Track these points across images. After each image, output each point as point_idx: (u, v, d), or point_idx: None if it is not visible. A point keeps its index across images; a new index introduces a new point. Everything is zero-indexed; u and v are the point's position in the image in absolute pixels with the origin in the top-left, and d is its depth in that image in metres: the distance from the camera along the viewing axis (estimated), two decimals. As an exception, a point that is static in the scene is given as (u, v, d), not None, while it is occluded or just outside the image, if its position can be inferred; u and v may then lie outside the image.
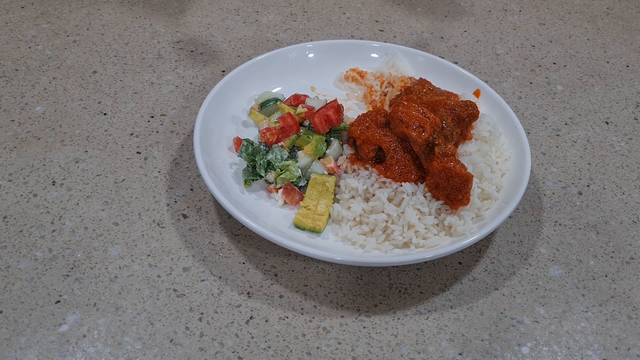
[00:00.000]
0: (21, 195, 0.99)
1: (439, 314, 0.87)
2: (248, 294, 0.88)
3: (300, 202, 0.96)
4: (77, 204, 0.98)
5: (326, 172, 0.98)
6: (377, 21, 1.43)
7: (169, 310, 0.85)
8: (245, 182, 0.97)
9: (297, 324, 0.85)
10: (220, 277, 0.90)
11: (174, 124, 1.13)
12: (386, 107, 1.10)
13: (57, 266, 0.89)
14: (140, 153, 1.07)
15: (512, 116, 1.06)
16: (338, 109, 1.02)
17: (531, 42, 1.40)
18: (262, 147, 1.00)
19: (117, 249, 0.92)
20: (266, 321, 0.85)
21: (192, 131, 1.08)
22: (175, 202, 1.00)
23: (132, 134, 1.11)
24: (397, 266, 0.92)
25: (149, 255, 0.92)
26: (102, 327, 0.83)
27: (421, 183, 0.93)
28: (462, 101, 0.99)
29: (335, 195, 0.96)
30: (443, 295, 0.89)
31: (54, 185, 1.01)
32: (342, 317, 0.86)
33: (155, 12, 1.41)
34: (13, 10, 1.38)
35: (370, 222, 0.91)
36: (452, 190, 0.89)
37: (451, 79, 1.15)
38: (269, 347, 0.82)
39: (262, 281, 0.90)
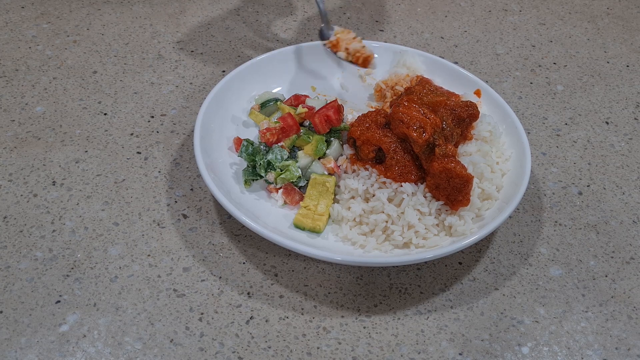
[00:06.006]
0: (21, 195, 0.99)
1: (439, 314, 0.87)
2: (248, 294, 0.88)
3: (300, 202, 0.96)
4: (77, 204, 0.98)
5: (326, 172, 0.98)
6: (377, 21, 1.43)
7: (169, 310, 0.85)
8: (246, 182, 0.97)
9: (297, 324, 0.85)
10: (220, 277, 0.90)
11: (174, 124, 1.13)
12: (386, 107, 1.10)
13: (57, 266, 0.89)
14: (140, 153, 1.07)
15: (513, 116, 1.06)
16: (338, 109, 1.03)
17: (531, 42, 1.40)
18: (262, 147, 1.00)
19: (117, 249, 0.92)
20: (266, 321, 0.85)
21: (192, 131, 1.08)
22: (176, 202, 1.00)
23: (132, 134, 1.11)
24: (397, 266, 0.92)
25: (149, 255, 0.92)
26: (102, 327, 0.83)
27: (421, 183, 0.93)
28: (462, 101, 0.99)
29: (335, 195, 0.96)
30: (443, 295, 0.89)
31: (54, 185, 1.01)
32: (342, 317, 0.86)
33: (155, 12, 1.41)
34: (13, 10, 1.38)
35: (370, 223, 0.91)
36: (453, 190, 0.89)
37: (451, 79, 1.15)
38: (269, 347, 0.82)
39: (262, 281, 0.90)
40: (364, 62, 1.14)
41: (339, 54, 1.14)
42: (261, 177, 0.97)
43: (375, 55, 1.15)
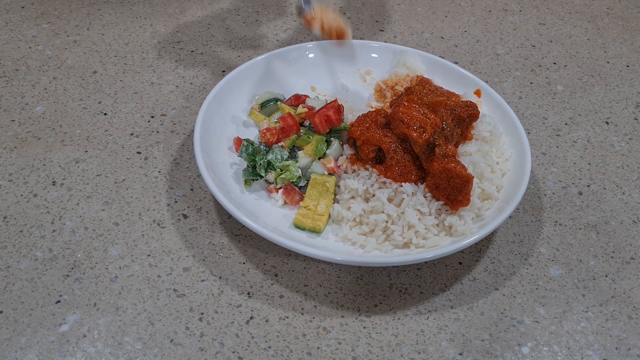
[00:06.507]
0: (21, 195, 0.99)
1: (439, 314, 0.87)
2: (248, 294, 0.88)
3: (300, 202, 0.96)
4: (78, 204, 0.98)
5: (326, 172, 0.98)
6: (377, 21, 1.43)
7: (169, 310, 0.85)
8: (246, 182, 0.97)
9: (297, 324, 0.85)
10: (220, 277, 0.90)
11: (174, 124, 1.13)
12: (386, 107, 1.10)
13: (57, 266, 0.89)
14: (140, 153, 1.07)
15: (513, 116, 1.06)
16: (338, 109, 1.03)
17: (531, 42, 1.40)
18: (262, 147, 1.00)
19: (117, 249, 0.92)
20: (266, 321, 0.85)
21: (192, 131, 1.08)
22: (176, 202, 1.00)
23: (132, 134, 1.11)
24: (397, 266, 0.92)
25: (149, 255, 0.92)
26: (103, 327, 0.83)
27: (421, 183, 0.93)
28: (462, 101, 0.99)
29: (335, 195, 0.96)
30: (443, 295, 0.89)
31: (54, 185, 1.01)
32: (343, 317, 0.86)
33: (155, 12, 1.41)
34: (13, 10, 1.38)
35: (370, 223, 0.91)
36: (453, 190, 0.89)
37: (451, 79, 1.15)
38: (269, 347, 0.82)
39: (263, 281, 0.90)
40: (338, 36, 1.13)
41: (313, 31, 1.13)
42: (261, 177, 0.97)
43: (350, 31, 1.14)
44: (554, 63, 1.35)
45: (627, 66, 1.35)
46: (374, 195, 0.93)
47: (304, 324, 0.85)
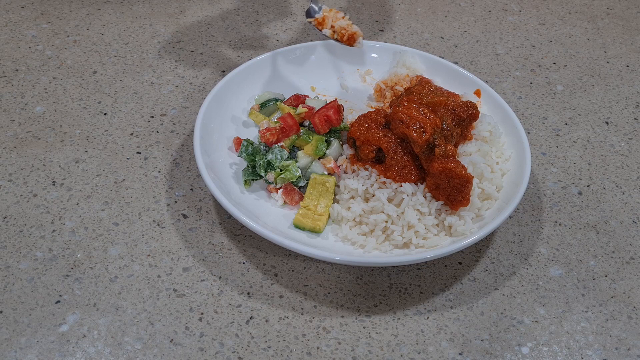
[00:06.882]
0: (21, 195, 0.99)
1: (439, 314, 0.87)
2: (248, 294, 0.88)
3: (300, 202, 0.96)
4: (77, 204, 0.98)
5: (326, 172, 0.98)
6: (377, 21, 1.43)
7: (169, 310, 0.85)
8: (245, 182, 0.97)
9: (297, 324, 0.85)
10: (220, 277, 0.90)
11: (174, 124, 1.13)
12: (386, 107, 1.10)
13: (57, 266, 0.89)
14: (140, 153, 1.07)
15: (512, 116, 1.06)
16: (338, 109, 1.03)
17: (531, 42, 1.40)
18: (262, 147, 1.00)
19: (117, 249, 0.92)
20: (266, 321, 0.85)
21: (192, 131, 1.08)
22: (175, 202, 1.00)
23: (132, 134, 1.11)
24: (397, 266, 0.92)
25: (149, 255, 0.92)
26: (102, 327, 0.83)
27: (421, 183, 0.93)
28: (462, 101, 0.99)
29: (335, 195, 0.96)
30: (443, 295, 0.89)
31: (54, 185, 1.01)
32: (342, 317, 0.86)
33: (155, 12, 1.41)
34: (13, 10, 1.38)
35: (370, 223, 0.91)
36: (453, 191, 0.89)
37: (451, 79, 1.15)
38: (269, 347, 0.82)
39: (262, 281, 0.90)
40: (349, 39, 1.14)
41: (324, 31, 1.14)
42: (261, 177, 0.97)
43: (362, 35, 1.15)
44: (554, 63, 1.35)
45: (627, 66, 1.35)
46: (373, 195, 0.93)
47: (303, 324, 0.85)
